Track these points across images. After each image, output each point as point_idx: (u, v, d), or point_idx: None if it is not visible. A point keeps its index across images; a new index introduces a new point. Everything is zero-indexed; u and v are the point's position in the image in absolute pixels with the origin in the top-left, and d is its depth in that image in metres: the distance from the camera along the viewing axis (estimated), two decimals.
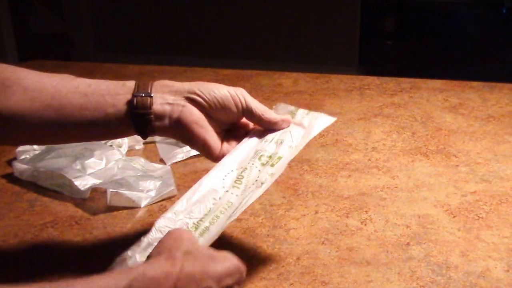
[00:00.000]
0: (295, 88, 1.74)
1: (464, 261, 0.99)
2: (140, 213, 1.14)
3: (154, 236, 0.84)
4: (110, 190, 1.15)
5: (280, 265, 0.98)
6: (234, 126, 1.00)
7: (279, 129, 0.98)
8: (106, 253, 1.02)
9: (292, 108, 1.05)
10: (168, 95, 0.93)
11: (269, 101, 1.65)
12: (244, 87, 1.74)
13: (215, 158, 0.96)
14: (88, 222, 1.12)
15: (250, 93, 1.68)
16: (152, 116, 0.92)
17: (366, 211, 1.14)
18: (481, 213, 1.13)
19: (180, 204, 0.87)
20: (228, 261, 0.75)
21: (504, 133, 1.45)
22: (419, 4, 7.42)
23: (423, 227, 1.08)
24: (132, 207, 1.15)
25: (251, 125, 1.01)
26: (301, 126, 1.00)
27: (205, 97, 0.94)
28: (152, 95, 0.92)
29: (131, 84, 0.94)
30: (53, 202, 1.18)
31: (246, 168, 0.91)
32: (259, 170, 0.91)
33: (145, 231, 1.08)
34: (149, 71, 1.86)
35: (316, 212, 1.13)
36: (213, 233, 0.85)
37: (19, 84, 0.91)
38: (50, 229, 1.10)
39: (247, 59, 5.00)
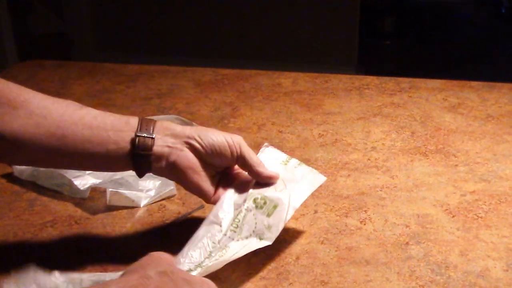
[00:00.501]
0: (294, 88, 1.75)
1: (463, 260, 0.99)
2: (139, 213, 1.14)
3: None
4: (110, 189, 1.16)
5: (279, 264, 0.98)
6: (229, 171, 1.05)
7: (266, 183, 1.02)
8: (105, 253, 1.02)
9: (284, 157, 1.09)
10: (168, 138, 0.97)
11: (268, 101, 1.65)
12: (243, 86, 1.75)
13: (209, 201, 1.01)
14: (87, 221, 1.12)
15: (249, 92, 1.69)
16: (152, 157, 0.95)
17: (365, 211, 1.14)
18: (480, 213, 1.13)
19: (183, 250, 0.92)
20: (205, 286, 0.75)
21: (503, 132, 1.45)
22: (418, 4, 7.42)
23: (422, 226, 1.09)
24: (132, 207, 1.15)
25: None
26: (294, 179, 1.04)
27: (203, 144, 0.97)
28: (153, 136, 0.95)
29: (134, 121, 0.96)
30: (53, 201, 1.18)
31: (240, 211, 0.96)
32: (254, 214, 0.96)
33: (144, 230, 1.09)
34: (149, 71, 1.87)
35: (316, 212, 1.13)
36: (210, 269, 0.90)
37: (25, 107, 0.92)
38: (50, 228, 1.10)
39: (246, 59, 5.00)
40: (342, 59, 4.93)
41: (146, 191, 1.17)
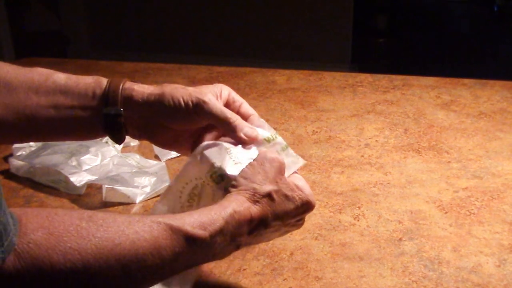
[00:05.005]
0: (289, 85, 1.75)
1: (456, 256, 1.00)
2: (135, 209, 1.15)
3: None
4: (106, 186, 1.16)
5: (273, 260, 0.99)
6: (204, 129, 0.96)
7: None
8: None
9: (267, 134, 0.93)
10: (135, 113, 0.91)
11: (263, 98, 1.66)
12: (238, 84, 1.76)
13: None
14: None
15: (244, 89, 1.69)
16: (123, 133, 0.92)
17: (359, 207, 1.15)
18: (472, 209, 1.14)
19: None
20: (301, 202, 0.85)
21: (496, 129, 1.46)
22: (411, 1, 7.43)
23: (415, 222, 1.09)
24: (128, 203, 1.16)
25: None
26: None
27: (160, 113, 0.91)
28: (121, 112, 0.90)
29: (100, 91, 0.91)
30: (49, 198, 1.19)
31: (196, 185, 0.88)
32: (211, 187, 0.86)
33: None
34: (144, 69, 1.87)
35: None
36: None
37: None
38: None
39: (241, 57, 5.00)
40: (336, 56, 4.94)
41: (141, 187, 1.17)
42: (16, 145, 1.29)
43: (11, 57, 4.52)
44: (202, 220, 0.75)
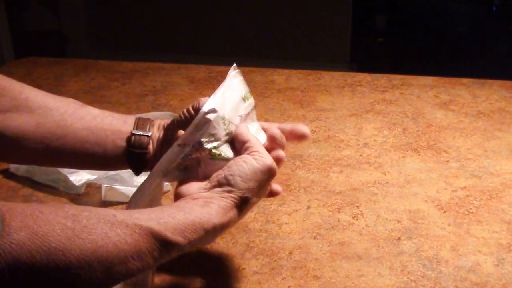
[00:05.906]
0: (288, 85, 1.75)
1: (455, 255, 1.00)
2: None
3: None
4: (105, 185, 1.16)
5: (272, 259, 0.99)
6: None
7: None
8: None
9: (244, 91, 1.03)
10: (162, 137, 0.95)
11: (262, 97, 1.66)
12: None
13: None
14: None
15: None
16: (147, 155, 0.94)
17: (357, 206, 1.15)
18: (471, 208, 1.14)
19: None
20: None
21: (494, 129, 1.46)
22: (410, 1, 7.43)
23: (414, 222, 1.10)
24: (127, 202, 1.16)
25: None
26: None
27: None
28: (149, 134, 0.94)
29: (131, 120, 0.95)
30: (48, 197, 1.19)
31: (190, 154, 0.86)
32: (205, 161, 0.87)
33: None
34: (144, 68, 1.87)
35: (308, 207, 1.14)
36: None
37: (26, 106, 0.92)
38: None
39: (240, 56, 5.00)
40: (335, 56, 4.94)
41: None
42: None
43: (11, 57, 4.52)
44: (183, 227, 0.75)
